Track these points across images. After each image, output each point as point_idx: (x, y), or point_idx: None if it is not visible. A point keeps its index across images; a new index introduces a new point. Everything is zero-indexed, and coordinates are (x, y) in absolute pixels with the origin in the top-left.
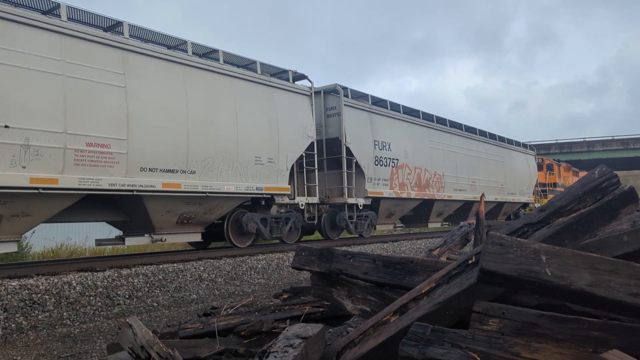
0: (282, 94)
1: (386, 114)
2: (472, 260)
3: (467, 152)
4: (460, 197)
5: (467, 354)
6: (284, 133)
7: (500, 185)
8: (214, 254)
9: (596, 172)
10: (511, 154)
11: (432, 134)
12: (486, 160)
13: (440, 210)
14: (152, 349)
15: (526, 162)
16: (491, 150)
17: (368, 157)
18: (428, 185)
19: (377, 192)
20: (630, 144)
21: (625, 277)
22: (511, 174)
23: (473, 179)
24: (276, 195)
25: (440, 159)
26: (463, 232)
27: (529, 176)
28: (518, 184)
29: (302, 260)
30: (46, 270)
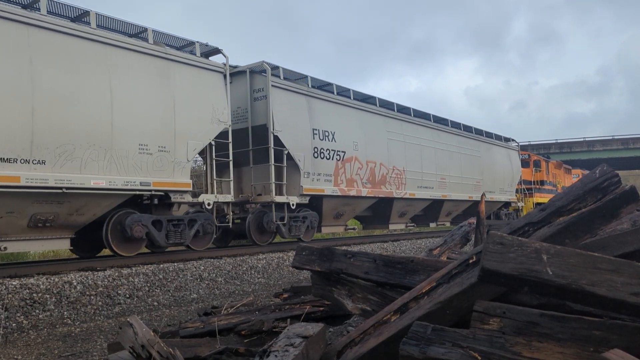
0: (184, 70)
1: (330, 99)
2: (472, 259)
3: (435, 146)
4: (426, 196)
5: (468, 353)
6: (184, 116)
7: (476, 182)
8: (214, 253)
9: (597, 171)
10: (490, 148)
11: (391, 124)
12: (459, 155)
13: (402, 210)
14: (152, 348)
15: (508, 157)
16: (466, 144)
17: (304, 148)
18: (384, 182)
19: (317, 190)
20: (630, 143)
21: (627, 277)
22: (489, 170)
23: (442, 175)
24: (172, 193)
25: (400, 153)
26: (463, 232)
27: (510, 173)
28: (498, 182)
29: (302, 259)
30: (47, 269)
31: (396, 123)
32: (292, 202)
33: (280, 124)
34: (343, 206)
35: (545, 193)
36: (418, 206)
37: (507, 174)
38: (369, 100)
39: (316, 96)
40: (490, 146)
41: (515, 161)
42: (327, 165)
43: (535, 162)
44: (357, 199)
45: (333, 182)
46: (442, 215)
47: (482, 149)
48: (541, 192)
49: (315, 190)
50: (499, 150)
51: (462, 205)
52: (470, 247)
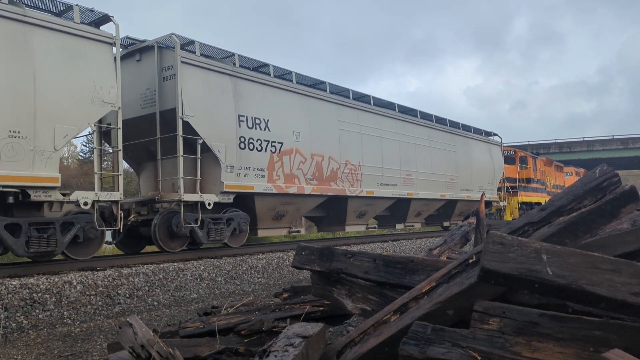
0: (52, 37)
1: (265, 82)
2: (472, 259)
3: (400, 138)
4: (388, 194)
5: (468, 353)
6: (49, 95)
7: (450, 179)
8: (215, 253)
9: (597, 171)
10: (467, 142)
11: (345, 113)
12: (429, 149)
13: (360, 210)
14: (152, 348)
15: (488, 153)
16: (438, 137)
17: (227, 137)
18: (335, 178)
19: (244, 186)
20: (629, 143)
21: (627, 276)
22: (466, 166)
23: (409, 172)
24: (31, 189)
25: (355, 145)
26: (463, 232)
27: (491, 170)
28: (476, 179)
29: (302, 259)
30: (47, 269)
31: (351, 112)
32: (209, 201)
33: (192, 108)
34: (283, 205)
35: (532, 192)
36: (379, 205)
37: (487, 170)
38: (318, 85)
39: (245, 77)
40: (468, 140)
41: (497, 157)
42: (258, 158)
43: (521, 158)
44: (300, 198)
45: (267, 178)
46: (411, 216)
47: (457, 143)
48: (527, 190)
49: (242, 187)
50: (478, 145)
51: (433, 205)
52: (470, 247)
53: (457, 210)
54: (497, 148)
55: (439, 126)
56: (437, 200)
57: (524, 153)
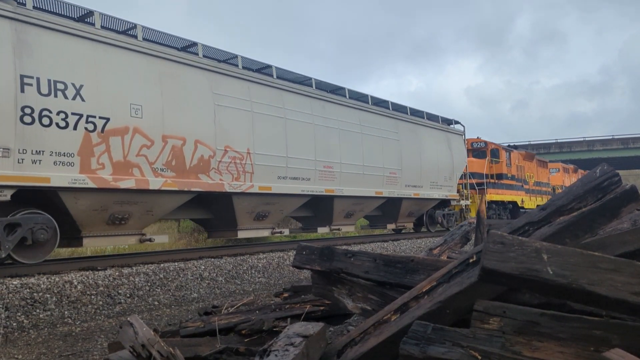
0: None
1: (80, 33)
2: (473, 259)
3: (316, 121)
4: (295, 190)
5: (468, 352)
6: None
7: (390, 173)
8: (215, 252)
9: (597, 171)
10: (417, 130)
11: (225, 84)
12: (361, 136)
13: (258, 211)
14: (153, 347)
15: (446, 143)
16: (374, 123)
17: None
18: (207, 169)
19: (32, 178)
20: (630, 143)
21: (627, 276)
22: (414, 158)
23: (328, 163)
24: None
25: (241, 127)
26: (463, 231)
27: (449, 163)
28: (428, 174)
29: (302, 259)
30: (47, 269)
31: (237, 84)
32: None
33: None
34: (120, 206)
35: (504, 189)
36: (287, 204)
37: (444, 164)
38: (189, 49)
39: (40, 24)
40: (417, 128)
41: (457, 149)
42: (62, 139)
43: (492, 151)
44: (145, 195)
45: (79, 167)
46: (339, 217)
47: (402, 131)
48: (498, 187)
49: (26, 178)
50: (432, 134)
51: (368, 204)
52: (470, 247)
53: (403, 210)
54: (459, 138)
55: (377, 109)
56: (372, 198)
57: (495, 145)
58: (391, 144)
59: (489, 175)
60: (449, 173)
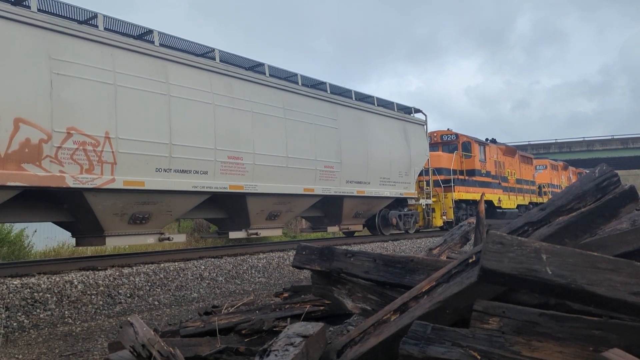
0: None
1: None
2: (472, 259)
3: (216, 101)
4: (186, 186)
5: (468, 352)
6: None
7: (325, 167)
8: (215, 252)
9: (596, 171)
10: (362, 118)
11: (71, 48)
12: (284, 122)
13: (133, 212)
14: (153, 347)
15: (402, 134)
16: (304, 107)
17: None
18: (39, 157)
19: None
20: (629, 143)
21: (626, 276)
22: (358, 150)
23: (235, 153)
24: None
25: (97, 105)
26: (463, 231)
27: (406, 157)
28: (377, 168)
29: (302, 259)
30: (48, 269)
31: (93, 50)
32: None
33: None
34: None
35: (478, 187)
36: (178, 205)
37: (399, 157)
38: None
39: None
40: (363, 115)
41: (417, 141)
42: None
43: (464, 144)
44: None
45: None
46: (258, 219)
47: (342, 118)
48: (468, 185)
49: None
50: (384, 123)
51: (299, 203)
52: (470, 247)
53: (347, 210)
54: (419, 129)
55: (309, 91)
56: (301, 196)
57: (467, 138)
58: (327, 133)
59: (457, 171)
60: (406, 168)
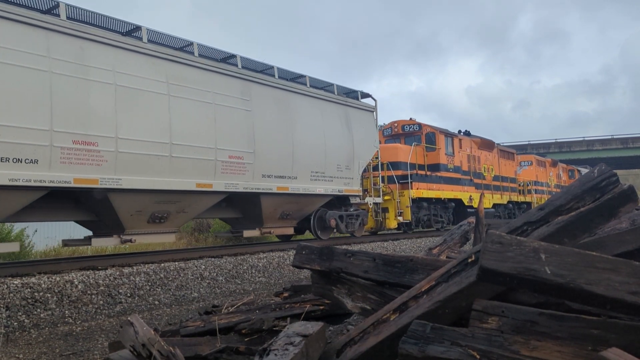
0: None
1: None
2: (471, 258)
3: (54, 68)
4: None
5: (467, 352)
6: None
7: (230, 157)
8: (215, 252)
9: (595, 171)
10: (288, 100)
11: None
12: (167, 100)
13: None
14: (153, 347)
15: (344, 121)
16: (198, 82)
17: None
18: None
19: None
20: (629, 143)
21: (625, 276)
22: (278, 137)
23: (84, 136)
24: None
25: None
26: (463, 231)
27: (348, 147)
28: (307, 160)
29: (302, 258)
30: (48, 268)
31: None
32: None
33: None
34: None
35: (442, 183)
36: None
37: (338, 148)
38: None
39: None
40: (288, 96)
41: (364, 129)
42: None
43: (428, 136)
44: None
45: None
46: (134, 222)
47: (257, 98)
48: (431, 181)
49: None
50: (317, 107)
51: (196, 201)
52: (469, 246)
53: (268, 210)
54: (366, 116)
55: (207, 64)
56: (195, 193)
57: (431, 128)
58: (234, 116)
59: (417, 166)
60: (347, 161)
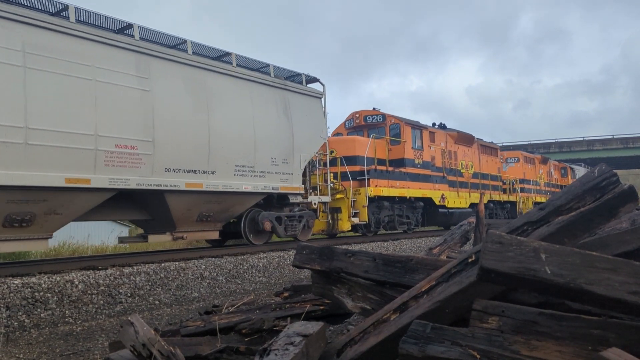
0: None
1: None
2: (471, 258)
3: None
4: None
5: (467, 351)
6: None
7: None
8: (216, 252)
9: (596, 170)
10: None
11: None
12: (23, 72)
13: None
14: (153, 346)
15: (281, 106)
16: (72, 54)
17: None
18: None
19: None
20: (629, 142)
21: (625, 275)
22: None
23: None
24: None
25: None
26: (463, 231)
27: (285, 138)
28: (229, 152)
29: (302, 258)
30: (48, 268)
31: None
32: None
33: None
34: None
35: (407, 180)
36: None
37: (273, 138)
38: None
39: None
40: (205, 75)
41: (307, 117)
42: None
43: (392, 127)
44: None
45: None
46: None
47: (160, 76)
48: (394, 177)
49: None
50: (247, 90)
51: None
52: (469, 246)
53: (179, 211)
54: (311, 102)
55: (83, 31)
56: (68, 190)
57: (396, 119)
58: (125, 96)
59: (375, 161)
60: (284, 154)
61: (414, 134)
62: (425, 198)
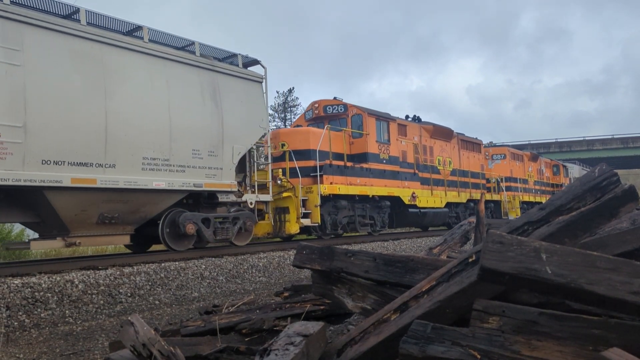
0: None
1: None
2: (472, 258)
3: None
4: None
5: (468, 351)
6: None
7: None
8: (216, 252)
9: (596, 170)
10: (101, 56)
11: None
12: None
13: None
14: (153, 346)
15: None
16: None
17: None
18: None
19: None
20: (629, 142)
21: (626, 275)
22: (82, 107)
23: None
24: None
25: None
26: (463, 231)
27: (213, 126)
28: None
29: (303, 258)
30: (49, 268)
31: None
32: None
33: None
34: None
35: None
36: None
37: (196, 127)
38: None
39: None
40: (102, 50)
41: (242, 104)
42: None
43: (354, 118)
44: None
45: None
46: None
47: (37, 50)
48: (355, 174)
49: None
50: (161, 70)
51: None
52: (470, 246)
53: (70, 211)
54: (249, 87)
55: None
56: None
57: (359, 110)
58: None
59: (330, 155)
60: (211, 145)
61: (379, 126)
62: (393, 197)
